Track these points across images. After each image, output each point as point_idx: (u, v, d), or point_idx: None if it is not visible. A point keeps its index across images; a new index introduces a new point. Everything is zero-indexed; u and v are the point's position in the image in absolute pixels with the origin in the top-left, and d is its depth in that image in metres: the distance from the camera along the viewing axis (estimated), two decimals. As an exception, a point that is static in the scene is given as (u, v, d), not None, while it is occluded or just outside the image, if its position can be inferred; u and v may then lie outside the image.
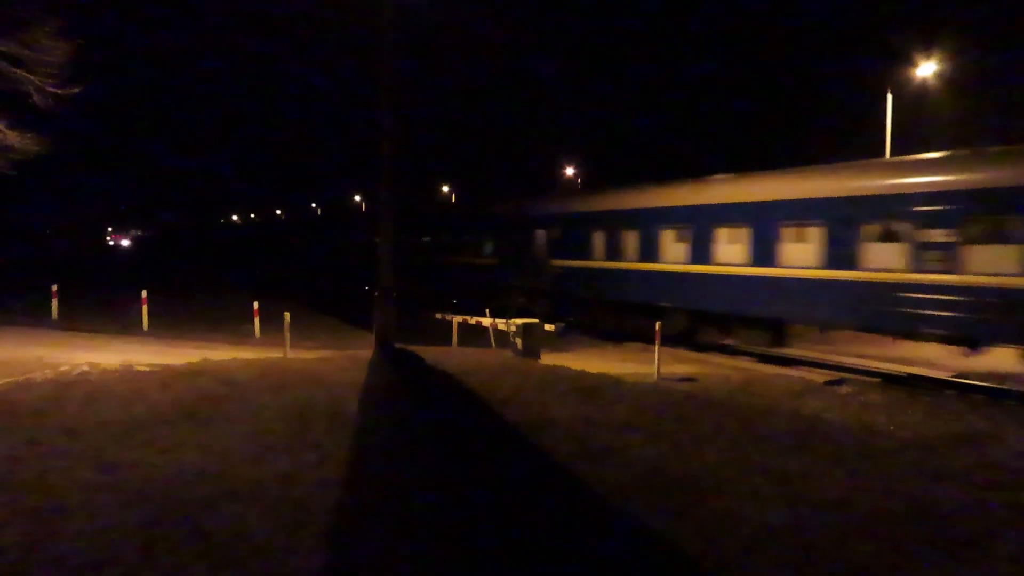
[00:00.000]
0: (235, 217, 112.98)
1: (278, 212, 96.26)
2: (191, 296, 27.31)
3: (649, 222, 18.85)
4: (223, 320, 20.62)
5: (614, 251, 20.12)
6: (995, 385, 13.54)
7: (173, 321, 19.55)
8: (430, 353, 13.62)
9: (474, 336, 18.31)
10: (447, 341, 17.93)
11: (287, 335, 14.33)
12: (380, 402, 9.32)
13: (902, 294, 13.74)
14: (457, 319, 18.43)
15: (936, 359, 15.36)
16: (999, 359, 13.88)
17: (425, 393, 10.31)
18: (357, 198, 79.87)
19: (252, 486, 5.89)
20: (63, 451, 6.70)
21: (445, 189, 68.32)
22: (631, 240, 19.48)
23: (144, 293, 18.27)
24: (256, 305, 17.66)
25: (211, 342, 16.74)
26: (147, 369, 11.09)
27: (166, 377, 10.37)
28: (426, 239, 31.61)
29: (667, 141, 61.31)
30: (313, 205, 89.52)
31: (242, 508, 5.42)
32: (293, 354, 14.06)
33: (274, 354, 13.96)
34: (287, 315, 14.52)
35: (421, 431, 8.15)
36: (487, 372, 11.65)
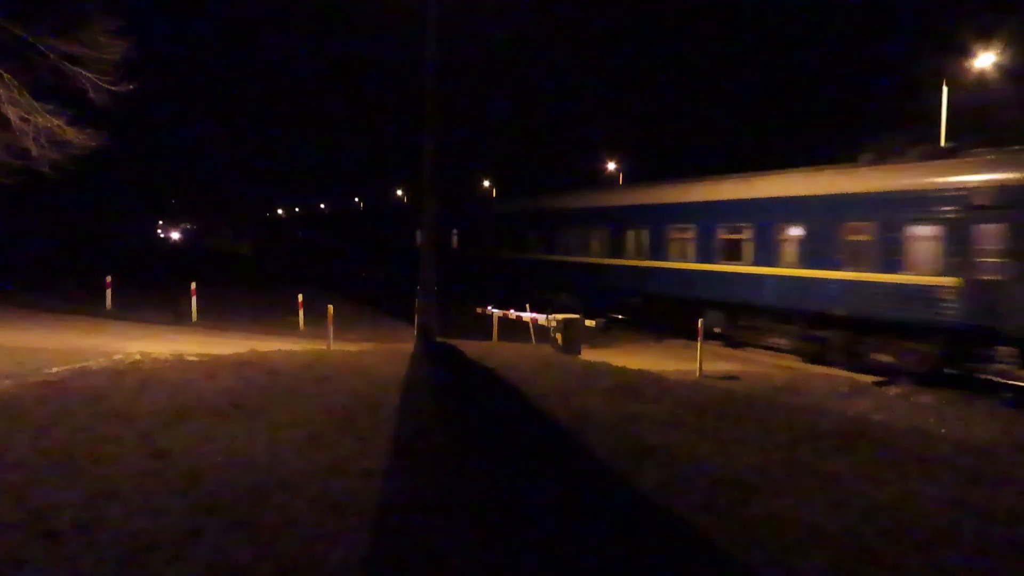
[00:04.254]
0: (280, 211, 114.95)
1: (322, 206, 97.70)
2: (238, 288, 27.92)
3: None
4: (269, 312, 21.02)
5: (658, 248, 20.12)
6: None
7: (221, 313, 20.00)
8: (471, 347, 13.67)
9: (515, 331, 18.32)
10: (488, 336, 17.97)
11: (330, 327, 14.53)
12: (422, 395, 9.39)
13: None
14: (498, 314, 18.45)
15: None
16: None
17: (466, 387, 10.35)
18: (399, 192, 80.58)
19: (298, 475, 5.99)
20: (116, 437, 6.91)
21: (486, 183, 68.46)
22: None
23: (193, 285, 18.72)
24: (300, 297, 17.95)
25: (257, 333, 17.07)
26: (196, 359, 11.37)
27: (214, 367, 10.62)
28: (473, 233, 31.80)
29: (724, 134, 60.33)
30: (357, 199, 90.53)
31: (288, 497, 5.52)
32: (336, 346, 14.25)
33: (318, 346, 14.18)
34: (331, 308, 14.72)
35: (462, 424, 8.19)
36: (527, 367, 11.64)
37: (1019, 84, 27.19)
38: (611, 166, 54.80)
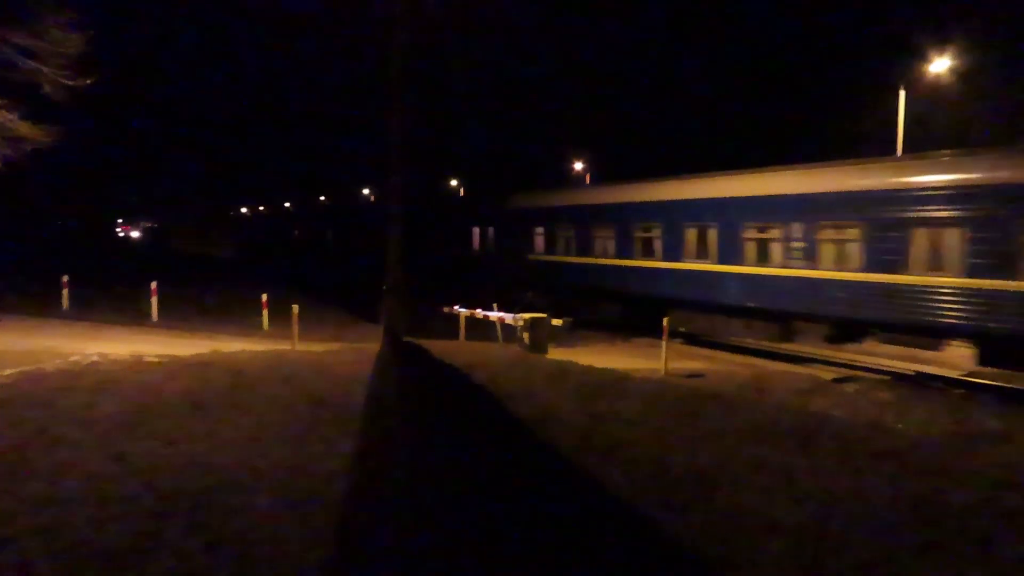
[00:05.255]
0: (244, 209, 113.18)
1: (287, 205, 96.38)
2: (200, 287, 27.47)
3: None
4: (232, 312, 20.73)
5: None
6: (1005, 384, 13.45)
7: (183, 312, 19.67)
8: (437, 346, 13.65)
9: (482, 330, 18.33)
10: (455, 335, 17.95)
11: (295, 327, 14.39)
12: (387, 395, 9.34)
13: None
14: (464, 313, 18.44)
15: (946, 358, 15.25)
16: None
17: (431, 386, 10.33)
18: (366, 191, 79.93)
19: (260, 477, 5.93)
20: (73, 440, 6.75)
21: (453, 183, 68.30)
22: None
23: (154, 284, 18.37)
24: (265, 297, 17.73)
25: (220, 333, 16.84)
26: (156, 360, 11.17)
27: (175, 368, 10.44)
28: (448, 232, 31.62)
29: (678, 136, 60.95)
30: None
31: (250, 499, 5.46)
32: (301, 346, 14.12)
33: (283, 346, 14.03)
34: (295, 308, 14.58)
35: (427, 424, 8.17)
36: (494, 366, 11.66)
37: (973, 88, 28.02)
38: (578, 166, 55.07)
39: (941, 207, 13.63)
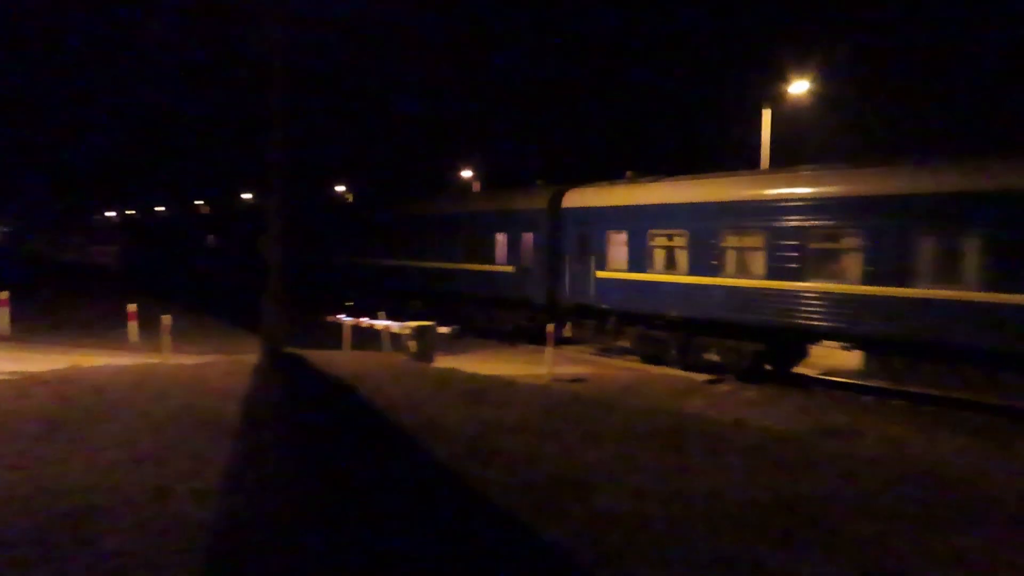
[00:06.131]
0: (109, 213, 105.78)
1: (160, 208, 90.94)
2: (61, 297, 25.45)
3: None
4: (96, 324, 19.35)
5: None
6: (857, 382, 14.65)
7: (40, 325, 18.17)
8: (320, 357, 13.29)
9: (369, 340, 18.02)
10: (339, 345, 17.55)
11: (166, 339, 13.61)
12: (264, 408, 9.00)
13: None
14: (349, 322, 18.07)
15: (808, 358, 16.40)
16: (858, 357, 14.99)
17: (312, 398, 10.05)
18: (246, 196, 76.71)
19: (120, 501, 5.56)
20: (-100, 470, 6.09)
21: (340, 188, 66.81)
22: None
23: (6, 294, 16.86)
24: (133, 308, 16.65)
25: (83, 347, 15.67)
26: (6, 377, 10.27)
27: (27, 385, 9.62)
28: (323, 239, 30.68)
29: (561, 144, 62.60)
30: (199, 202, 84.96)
31: (108, 525, 5.11)
32: (173, 359, 13.37)
33: (152, 360, 13.23)
34: (166, 318, 13.80)
35: (305, 438, 7.94)
36: (378, 376, 11.49)
37: (834, 109, 30.47)
38: (466, 173, 55.22)
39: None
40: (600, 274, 17.99)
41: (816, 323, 13.69)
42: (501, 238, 21.38)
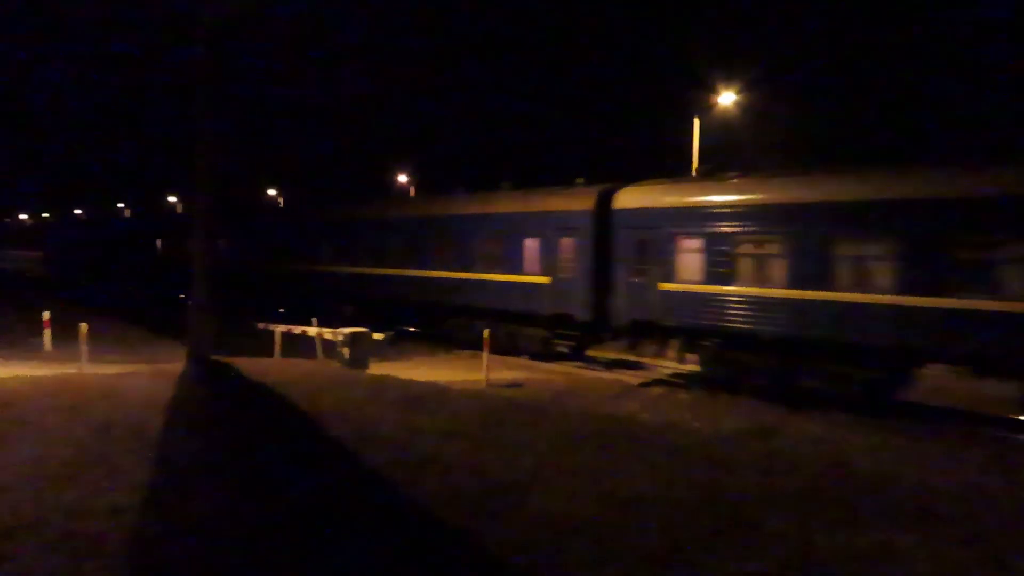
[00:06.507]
0: (23, 216, 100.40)
1: (78, 212, 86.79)
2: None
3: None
4: (8, 332, 18.30)
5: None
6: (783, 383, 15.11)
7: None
8: (249, 365, 12.93)
9: (302, 347, 17.62)
10: (271, 353, 17.10)
11: (84, 348, 13.00)
12: (189, 419, 8.69)
13: None
14: (281, 329, 17.64)
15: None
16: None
17: (239, 408, 9.76)
18: (172, 199, 74.09)
19: (31, 521, 5.27)
20: None
21: (272, 192, 65.31)
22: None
23: (-97, 303, 15.78)
24: (47, 315, 15.83)
25: (-10, 358, 14.79)
26: (-98, 391, 9.59)
27: (-73, 400, 9.03)
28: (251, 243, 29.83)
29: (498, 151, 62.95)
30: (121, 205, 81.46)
31: (15, 547, 4.83)
32: (91, 369, 12.76)
33: (68, 370, 12.60)
34: (84, 326, 13.18)
35: (232, 449, 7.70)
36: (309, 384, 11.25)
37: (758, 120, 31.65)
38: (402, 178, 54.81)
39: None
40: (665, 286, 15.31)
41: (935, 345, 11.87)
42: (531, 244, 18.19)
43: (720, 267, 14.43)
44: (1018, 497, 7.25)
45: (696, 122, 24.11)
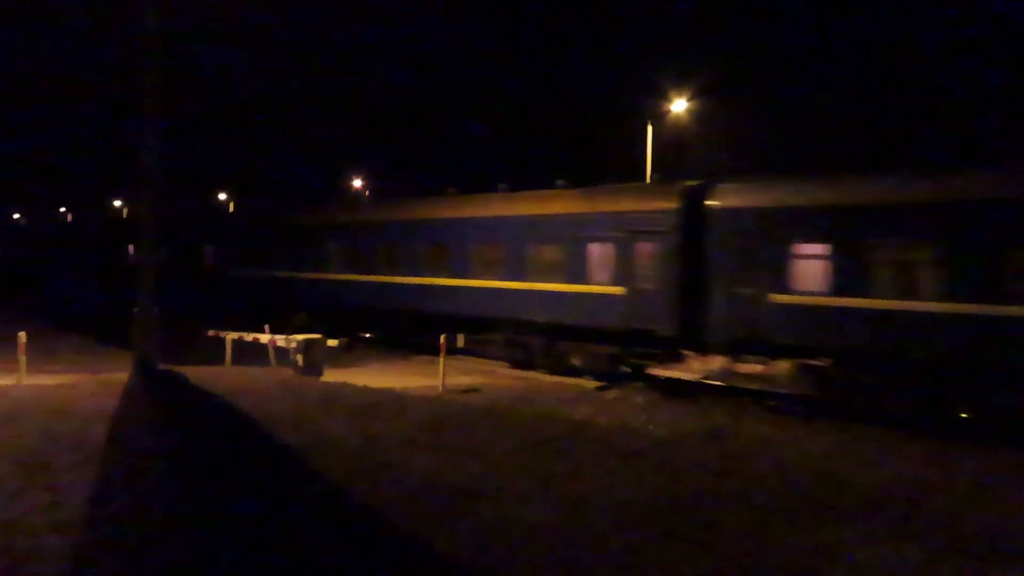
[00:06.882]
0: None
1: (16, 216, 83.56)
2: None
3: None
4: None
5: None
6: (736, 385, 15.38)
7: None
8: (199, 374, 12.62)
9: (255, 355, 17.27)
10: (222, 361, 16.73)
11: (22, 358, 12.52)
12: (135, 430, 8.43)
13: None
14: (232, 336, 17.27)
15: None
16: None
17: (190, 418, 9.51)
18: (117, 203, 71.99)
19: (-36, 539, 5.03)
20: None
21: (222, 196, 64.03)
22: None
23: None
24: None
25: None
26: None
27: None
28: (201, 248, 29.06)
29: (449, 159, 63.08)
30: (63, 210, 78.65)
31: (-53, 566, 4.61)
32: (30, 380, 12.31)
33: (6, 382, 12.13)
34: (22, 335, 12.69)
35: (179, 461, 7.49)
36: (262, 392, 11.04)
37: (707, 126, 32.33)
38: (357, 183, 54.35)
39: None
40: (778, 298, 13.36)
41: None
42: (598, 250, 16.05)
43: (854, 276, 12.54)
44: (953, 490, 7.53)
45: (650, 128, 24.47)
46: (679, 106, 25.19)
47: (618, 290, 15.58)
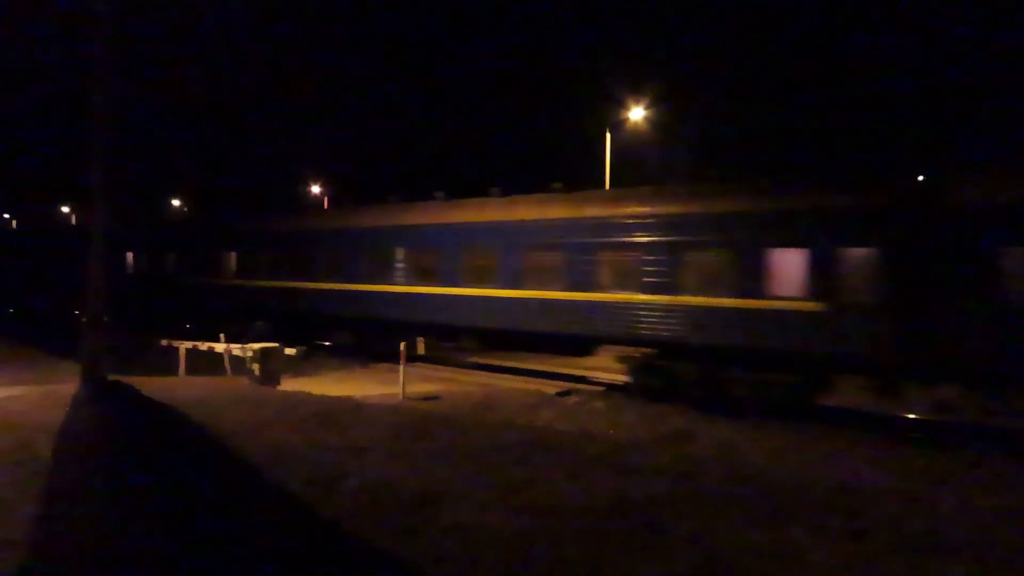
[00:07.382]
0: None
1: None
2: None
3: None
4: None
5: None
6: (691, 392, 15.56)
7: None
8: (151, 384, 12.32)
9: (210, 365, 16.93)
10: (176, 371, 16.37)
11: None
12: (82, 444, 8.19)
13: None
14: (185, 345, 16.91)
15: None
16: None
17: (141, 430, 9.27)
18: (66, 209, 69.94)
19: None
20: None
21: (176, 203, 62.68)
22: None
23: None
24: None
25: None
26: None
27: None
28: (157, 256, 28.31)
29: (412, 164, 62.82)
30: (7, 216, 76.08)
31: None
32: (-28, 393, 11.86)
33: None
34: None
35: (129, 474, 7.30)
36: (217, 403, 10.83)
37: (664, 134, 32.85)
38: (315, 189, 53.71)
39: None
40: None
41: None
42: (782, 257, 13.17)
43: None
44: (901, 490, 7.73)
45: (608, 136, 24.72)
46: (637, 114, 25.52)
47: (815, 305, 12.77)
